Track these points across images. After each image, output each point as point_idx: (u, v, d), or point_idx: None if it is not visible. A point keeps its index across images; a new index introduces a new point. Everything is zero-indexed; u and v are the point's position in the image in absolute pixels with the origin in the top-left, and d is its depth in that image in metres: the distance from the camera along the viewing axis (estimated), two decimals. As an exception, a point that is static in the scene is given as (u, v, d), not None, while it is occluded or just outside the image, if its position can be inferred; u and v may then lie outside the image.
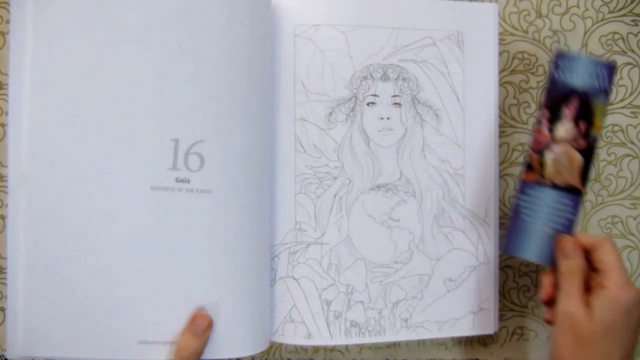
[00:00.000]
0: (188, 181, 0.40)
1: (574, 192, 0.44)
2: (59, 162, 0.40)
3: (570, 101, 0.44)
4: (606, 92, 0.44)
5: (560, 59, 0.44)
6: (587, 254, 0.42)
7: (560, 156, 0.44)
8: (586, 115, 0.44)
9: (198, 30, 0.41)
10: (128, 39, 0.40)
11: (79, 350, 0.40)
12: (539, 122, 0.45)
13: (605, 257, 0.41)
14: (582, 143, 0.44)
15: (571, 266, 0.41)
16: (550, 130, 0.44)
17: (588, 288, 0.41)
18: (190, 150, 0.40)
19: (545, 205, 0.44)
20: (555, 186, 0.44)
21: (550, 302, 0.43)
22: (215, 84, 0.41)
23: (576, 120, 0.44)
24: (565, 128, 0.44)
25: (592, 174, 0.47)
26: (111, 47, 0.40)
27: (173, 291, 0.40)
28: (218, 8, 0.41)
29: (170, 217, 0.40)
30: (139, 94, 0.40)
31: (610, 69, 0.45)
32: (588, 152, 0.44)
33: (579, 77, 0.44)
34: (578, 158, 0.44)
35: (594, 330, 0.39)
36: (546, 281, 0.43)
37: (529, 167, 0.44)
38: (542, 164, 0.44)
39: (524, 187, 0.44)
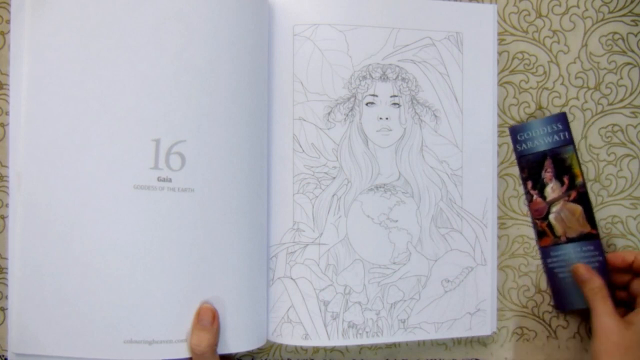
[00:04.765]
0: (170, 180, 0.41)
1: (591, 238, 0.49)
2: (50, 162, 0.40)
3: (543, 165, 0.49)
4: (570, 141, 0.48)
5: (516, 132, 0.49)
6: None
7: (561, 213, 0.48)
8: (564, 169, 0.49)
9: (182, 33, 0.41)
10: (112, 39, 0.40)
11: (67, 350, 0.40)
12: (527, 193, 0.49)
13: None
14: (573, 194, 0.49)
15: (592, 288, 0.46)
16: (541, 195, 0.49)
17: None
18: (172, 150, 0.41)
19: (571, 259, 0.49)
20: (571, 239, 0.49)
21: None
22: (197, 85, 0.41)
23: (557, 177, 0.48)
24: (551, 188, 0.49)
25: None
26: (96, 47, 0.40)
27: (158, 290, 0.41)
28: (205, 10, 0.42)
29: (154, 215, 0.40)
30: (121, 94, 0.40)
31: (563, 117, 0.49)
32: (583, 199, 0.49)
33: (540, 140, 0.49)
34: (577, 207, 0.49)
35: (632, 339, 0.44)
36: None
37: (540, 234, 0.49)
38: (549, 227, 0.49)
39: (544, 252, 0.49)
